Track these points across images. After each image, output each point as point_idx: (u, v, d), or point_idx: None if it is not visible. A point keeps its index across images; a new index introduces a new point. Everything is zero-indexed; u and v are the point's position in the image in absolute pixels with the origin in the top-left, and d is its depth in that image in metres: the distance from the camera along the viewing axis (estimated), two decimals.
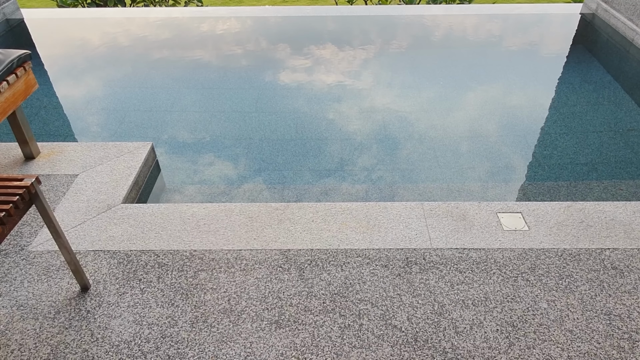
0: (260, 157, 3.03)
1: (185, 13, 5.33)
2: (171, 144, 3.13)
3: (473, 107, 3.56)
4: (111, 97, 3.68)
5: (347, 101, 3.64)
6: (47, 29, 4.84)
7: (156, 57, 4.39)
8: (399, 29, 4.99)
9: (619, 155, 3.08)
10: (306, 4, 15.36)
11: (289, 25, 5.08)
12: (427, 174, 2.89)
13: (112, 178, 2.43)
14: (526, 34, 4.84)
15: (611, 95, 3.68)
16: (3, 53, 2.40)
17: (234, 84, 3.90)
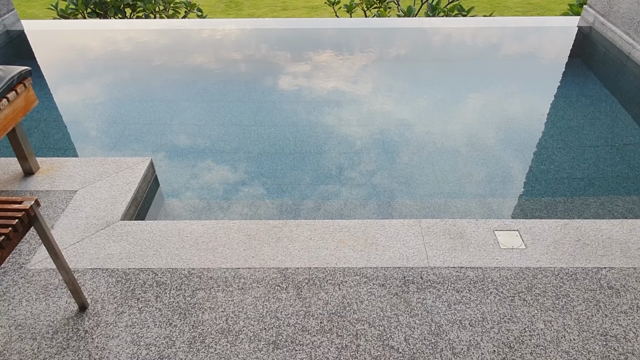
0: (259, 172, 3.04)
1: (184, 25, 5.37)
2: (170, 159, 3.14)
3: (470, 120, 3.58)
4: (111, 110, 3.70)
5: (346, 115, 3.66)
6: (47, 40, 4.87)
7: (155, 69, 4.41)
8: (397, 41, 5.02)
9: (615, 170, 3.10)
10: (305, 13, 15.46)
11: (288, 37, 5.11)
12: (424, 189, 2.91)
13: (110, 194, 2.44)
14: (523, 46, 4.88)
15: (608, 109, 3.70)
16: (3, 70, 2.42)
17: (233, 97, 3.92)
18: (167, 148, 3.25)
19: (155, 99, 3.86)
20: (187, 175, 2.99)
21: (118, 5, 7.20)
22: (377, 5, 7.88)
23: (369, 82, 4.15)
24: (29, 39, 4.74)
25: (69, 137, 3.37)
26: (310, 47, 4.83)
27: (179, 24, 5.46)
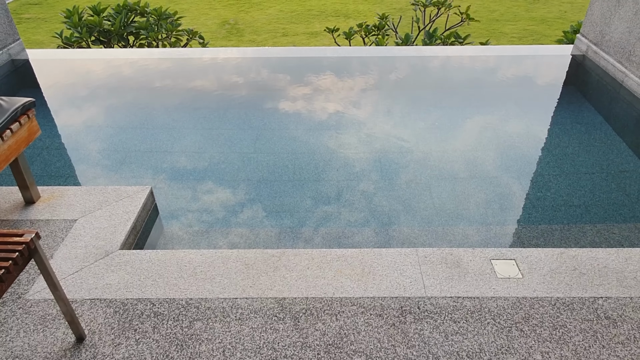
0: (258, 199, 3.07)
1: (185, 53, 5.48)
2: (170, 187, 3.17)
3: (466, 147, 3.62)
4: (112, 138, 3.75)
5: (345, 142, 3.70)
6: (50, 69, 4.96)
7: (157, 97, 4.49)
8: (395, 69, 5.12)
9: (611, 197, 3.12)
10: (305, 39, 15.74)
11: (288, 65, 5.21)
12: (421, 215, 2.93)
13: (110, 223, 2.46)
14: (519, 74, 4.97)
15: (602, 136, 3.75)
16: (7, 101, 2.47)
17: (233, 124, 3.98)
18: (167, 176, 3.28)
19: (157, 127, 3.92)
20: (187, 204, 3.01)
21: (121, 34, 7.36)
22: (376, 33, 8.04)
23: (367, 110, 4.21)
24: (34, 67, 4.83)
25: (70, 165, 3.41)
26: (310, 75, 4.92)
27: (181, 52, 5.58)
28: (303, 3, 19.25)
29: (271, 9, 18.54)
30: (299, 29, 16.47)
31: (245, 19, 17.43)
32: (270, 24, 17.03)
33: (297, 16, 17.61)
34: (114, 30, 7.28)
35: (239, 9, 18.73)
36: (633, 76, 3.97)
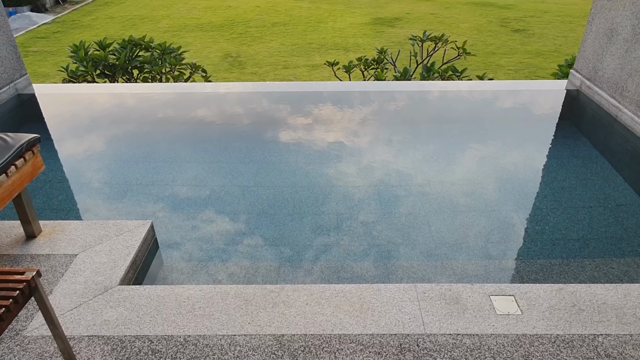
0: (258, 232, 3.08)
1: (188, 88, 5.60)
2: (170, 220, 3.20)
3: (464, 181, 3.66)
4: (115, 171, 3.79)
5: (344, 175, 3.74)
6: (55, 103, 5.07)
7: (159, 131, 4.56)
8: (394, 102, 5.22)
9: (609, 231, 3.14)
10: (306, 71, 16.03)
11: (289, 100, 5.31)
12: (420, 249, 2.93)
13: (110, 258, 2.47)
14: (515, 108, 5.06)
15: (599, 170, 3.79)
16: (13, 137, 2.53)
17: (234, 158, 4.04)
18: (167, 209, 3.31)
19: (158, 160, 3.97)
20: (187, 238, 3.03)
21: (126, 68, 7.53)
22: (375, 66, 8.21)
23: (366, 144, 4.27)
24: (39, 101, 4.93)
25: (72, 199, 3.44)
26: (310, 109, 5.01)
27: (183, 86, 5.70)
28: (304, 37, 19.73)
29: (273, 42, 18.99)
30: (300, 61, 16.82)
31: (248, 52, 17.82)
32: (271, 56, 17.41)
33: (298, 49, 18.02)
34: (119, 64, 7.44)
35: (241, 42, 19.19)
36: (627, 111, 4.05)
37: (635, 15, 3.89)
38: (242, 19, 22.93)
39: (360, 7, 25.06)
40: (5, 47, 4.59)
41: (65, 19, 23.84)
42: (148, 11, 25.11)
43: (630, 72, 3.97)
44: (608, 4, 4.30)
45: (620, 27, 4.10)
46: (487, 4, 25.45)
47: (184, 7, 25.79)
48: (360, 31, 20.33)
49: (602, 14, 4.39)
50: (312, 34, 20.05)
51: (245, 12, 24.39)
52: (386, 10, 24.14)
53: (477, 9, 24.10)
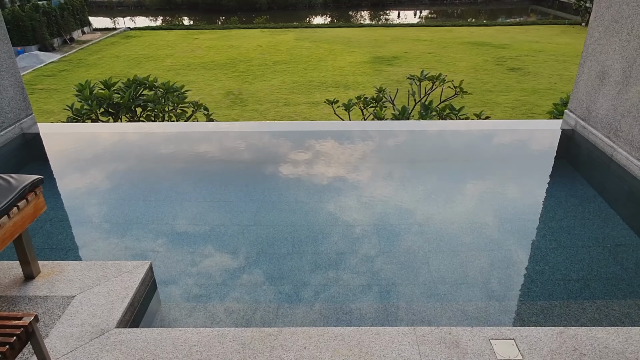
0: (257, 272, 3.07)
1: (189, 127, 5.69)
2: (170, 260, 3.19)
3: (463, 221, 3.67)
4: (115, 210, 3.82)
5: (343, 214, 3.76)
6: (58, 142, 5.15)
7: (160, 170, 4.62)
8: (392, 142, 5.29)
9: (609, 272, 3.13)
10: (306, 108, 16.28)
11: (288, 139, 5.39)
12: (419, 290, 2.92)
13: (108, 300, 2.46)
14: (511, 148, 5.14)
15: (596, 209, 3.81)
16: (16, 179, 2.57)
17: (234, 197, 4.07)
18: (166, 249, 3.31)
19: (159, 199, 4.00)
20: (185, 278, 3.02)
21: (129, 106, 7.68)
22: (374, 105, 8.37)
23: (365, 183, 4.31)
24: (43, 140, 5.01)
25: (72, 238, 3.45)
26: (309, 149, 5.08)
27: (184, 126, 5.80)
28: (304, 75, 20.17)
29: (274, 80, 19.40)
30: (300, 99, 17.13)
31: (249, 90, 18.18)
32: (272, 94, 17.75)
33: (298, 87, 18.39)
34: (123, 103, 7.59)
35: (243, 80, 19.60)
36: (621, 150, 4.10)
37: (625, 59, 4.01)
38: (244, 57, 23.53)
39: (360, 46, 25.75)
40: (12, 88, 4.71)
41: (72, 58, 24.46)
42: (153, 50, 25.80)
43: (623, 113, 4.05)
44: (599, 47, 4.44)
45: (611, 69, 4.22)
46: (483, 43, 26.16)
47: (188, 47, 26.51)
48: (360, 69, 20.80)
49: (594, 57, 4.53)
50: (313, 72, 20.51)
51: (248, 51, 25.05)
52: (385, 49, 24.79)
53: (473, 49, 24.75)
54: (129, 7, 45.68)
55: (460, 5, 46.35)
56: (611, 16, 4.23)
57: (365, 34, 30.16)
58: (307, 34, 30.26)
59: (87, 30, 31.37)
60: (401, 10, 43.40)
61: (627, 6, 3.99)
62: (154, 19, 41.68)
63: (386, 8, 43.99)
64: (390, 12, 42.75)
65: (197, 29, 33.07)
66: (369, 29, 32.18)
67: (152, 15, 42.98)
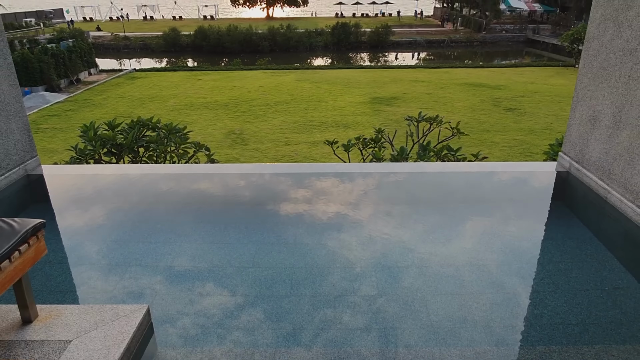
0: (255, 317, 3.07)
1: (190, 169, 5.79)
2: (167, 302, 3.19)
3: (461, 264, 3.68)
4: (114, 252, 3.84)
5: (342, 256, 3.78)
6: (61, 184, 5.22)
7: (160, 212, 4.67)
8: (390, 183, 5.37)
9: (608, 315, 3.12)
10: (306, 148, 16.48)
11: (287, 181, 5.47)
12: (418, 335, 2.90)
13: (104, 345, 2.45)
14: (508, 190, 5.20)
15: (593, 252, 3.83)
16: (19, 223, 2.61)
17: (233, 239, 4.09)
18: (164, 292, 3.31)
19: (158, 241, 4.02)
20: (182, 321, 3.01)
21: (132, 147, 7.81)
22: (372, 146, 8.51)
23: (363, 225, 4.34)
24: (46, 182, 5.09)
25: (71, 281, 3.46)
26: (309, 191, 5.14)
27: (184, 168, 5.89)
28: (305, 115, 20.54)
29: (275, 120, 19.74)
30: (301, 138, 17.38)
31: (250, 129, 18.47)
32: (273, 133, 18.02)
33: (299, 127, 18.69)
34: (126, 144, 7.73)
35: (244, 120, 19.94)
36: (615, 193, 4.16)
37: (614, 104, 4.13)
38: (246, 98, 24.03)
39: (359, 87, 26.34)
40: (19, 131, 4.83)
41: (78, 98, 25.00)
42: (157, 91, 26.39)
43: (615, 156, 4.14)
44: (589, 93, 4.58)
45: (601, 114, 4.34)
46: (479, 84, 26.75)
47: (192, 87, 27.13)
48: (359, 109, 21.20)
49: (584, 102, 4.66)
50: (313, 112, 20.90)
51: (250, 91, 25.61)
52: (384, 90, 25.35)
53: (470, 89, 25.30)
54: (134, 49, 47.01)
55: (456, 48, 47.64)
56: (599, 64, 4.39)
57: (364, 75, 30.91)
58: (308, 75, 31.02)
59: (93, 71, 32.21)
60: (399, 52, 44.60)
61: (614, 55, 4.15)
62: (159, 60, 42.80)
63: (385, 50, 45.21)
64: (388, 54, 43.93)
65: (200, 70, 33.95)
66: (368, 71, 33.01)
67: (157, 57, 44.15)
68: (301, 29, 46.39)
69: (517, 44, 50.17)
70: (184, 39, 46.02)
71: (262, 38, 44.23)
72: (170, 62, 40.80)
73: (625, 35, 3.98)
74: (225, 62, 39.68)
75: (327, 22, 51.49)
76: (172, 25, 51.45)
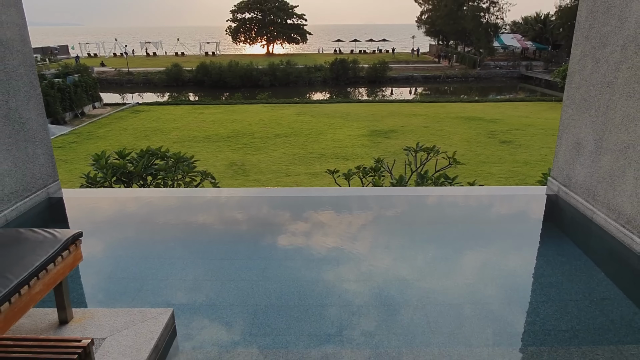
0: (265, 324, 3.32)
1: (199, 193, 6.10)
2: (188, 310, 3.44)
3: (459, 277, 3.95)
4: (133, 266, 4.11)
5: (345, 273, 4.05)
6: (80, 206, 5.53)
7: (172, 230, 4.95)
8: (388, 207, 5.68)
9: (596, 322, 3.37)
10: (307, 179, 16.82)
11: (292, 203, 5.78)
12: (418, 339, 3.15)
13: (136, 342, 2.70)
14: (502, 213, 5.52)
15: (582, 266, 4.11)
16: (60, 232, 2.91)
17: (243, 255, 4.37)
18: (183, 301, 3.57)
19: (174, 257, 4.30)
20: (200, 326, 3.26)
21: (141, 174, 8.15)
22: (372, 174, 8.86)
23: (363, 245, 4.63)
24: (66, 204, 5.40)
25: (99, 291, 3.72)
26: (313, 212, 5.45)
27: (195, 192, 6.21)
28: (305, 147, 21.01)
29: (275, 152, 20.18)
30: (301, 169, 17.76)
31: (251, 161, 18.88)
32: (274, 165, 18.41)
33: (299, 158, 19.12)
34: (136, 171, 8.07)
35: (245, 152, 20.38)
36: (600, 213, 4.48)
37: (596, 132, 4.51)
38: (247, 130, 24.59)
39: (358, 120, 26.99)
40: (44, 157, 5.17)
41: (82, 131, 25.52)
42: (160, 124, 26.98)
43: (598, 179, 4.48)
44: (573, 122, 4.98)
45: (585, 141, 4.71)
46: (475, 118, 27.44)
47: (194, 120, 27.73)
48: (358, 142, 21.71)
49: (569, 130, 5.05)
50: (313, 144, 21.38)
51: (251, 124, 26.20)
52: (382, 123, 25.98)
53: (466, 123, 25.96)
54: (137, 84, 48.07)
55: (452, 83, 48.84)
56: (581, 95, 4.80)
57: (363, 109, 31.63)
58: (308, 108, 31.73)
59: (97, 105, 32.95)
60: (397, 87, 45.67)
61: (594, 87, 4.56)
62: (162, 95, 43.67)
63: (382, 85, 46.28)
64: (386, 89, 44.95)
65: (202, 104, 34.67)
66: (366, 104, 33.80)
67: (159, 92, 45.06)
68: (301, 65, 47.60)
69: (511, 79, 51.52)
70: (186, 74, 47.10)
71: (262, 73, 45.34)
72: (172, 97, 41.61)
73: (602, 69, 4.41)
74: (226, 96, 40.49)
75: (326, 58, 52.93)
76: (174, 61, 52.76)
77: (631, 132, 3.98)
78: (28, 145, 4.88)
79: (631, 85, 3.98)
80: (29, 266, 2.51)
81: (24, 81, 4.80)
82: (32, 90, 4.92)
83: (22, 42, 4.77)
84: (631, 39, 3.97)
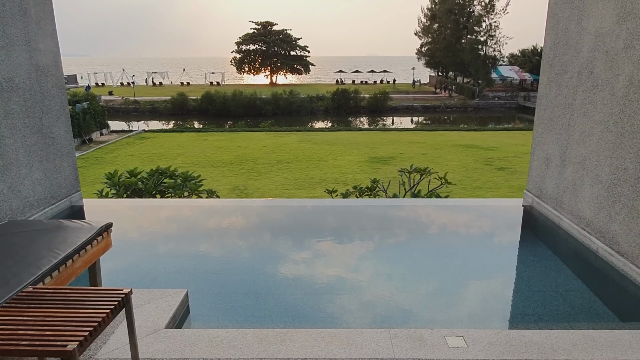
0: (265, 308, 3.82)
1: (207, 203, 6.65)
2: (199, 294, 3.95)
3: (447, 267, 4.46)
4: (152, 260, 4.63)
5: (333, 268, 4.57)
6: (99, 213, 6.09)
7: (185, 232, 5.49)
8: (374, 216, 6.22)
9: (559, 309, 3.85)
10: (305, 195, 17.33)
11: (291, 213, 6.33)
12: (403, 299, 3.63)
13: (157, 312, 3.22)
14: (484, 221, 6.05)
15: (552, 265, 4.61)
16: (94, 222, 3.47)
17: (246, 252, 4.89)
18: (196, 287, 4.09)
19: (186, 253, 4.83)
20: (210, 307, 3.77)
21: (151, 192, 8.72)
22: (369, 194, 9.41)
23: (360, 256, 5.15)
24: (86, 211, 5.95)
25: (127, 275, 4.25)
26: (311, 223, 5.99)
27: (204, 202, 6.76)
28: (306, 172, 21.63)
29: (277, 177, 20.79)
30: (302, 193, 18.31)
31: (254, 185, 19.46)
32: (276, 189, 18.98)
33: (300, 183, 19.70)
34: (146, 189, 8.65)
35: (248, 177, 21.00)
36: (565, 219, 5.02)
37: (560, 147, 5.09)
38: (250, 157, 25.27)
39: (358, 147, 27.69)
40: (69, 169, 5.76)
41: (89, 156, 26.25)
42: (165, 150, 27.72)
43: (564, 189, 5.03)
44: (542, 139, 5.57)
45: (552, 156, 5.29)
46: (472, 146, 28.12)
47: (198, 147, 28.49)
48: (358, 168, 22.33)
49: (540, 147, 5.63)
50: (314, 170, 22.01)
51: (253, 151, 26.92)
52: (381, 150, 26.66)
53: (464, 150, 26.61)
54: (143, 112, 49.22)
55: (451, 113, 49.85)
56: (548, 116, 5.41)
57: (363, 137, 32.39)
58: (310, 136, 32.51)
59: (105, 131, 33.86)
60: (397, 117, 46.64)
61: (557, 108, 5.17)
62: (167, 123, 44.69)
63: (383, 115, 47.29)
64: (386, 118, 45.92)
65: (206, 131, 35.52)
66: (367, 133, 34.59)
67: (165, 120, 46.12)
68: (303, 95, 48.76)
69: (509, 109, 52.55)
70: (191, 103, 48.24)
71: (265, 102, 46.40)
72: (177, 124, 42.57)
73: (564, 92, 5.02)
74: (230, 124, 41.41)
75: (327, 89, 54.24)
76: (180, 90, 54.12)
77: (587, 145, 4.55)
78: (56, 157, 5.48)
79: (586, 106, 4.58)
80: (73, 244, 3.06)
81: (55, 101, 5.44)
82: (62, 110, 5.56)
83: (56, 67, 5.44)
84: (584, 66, 4.60)
